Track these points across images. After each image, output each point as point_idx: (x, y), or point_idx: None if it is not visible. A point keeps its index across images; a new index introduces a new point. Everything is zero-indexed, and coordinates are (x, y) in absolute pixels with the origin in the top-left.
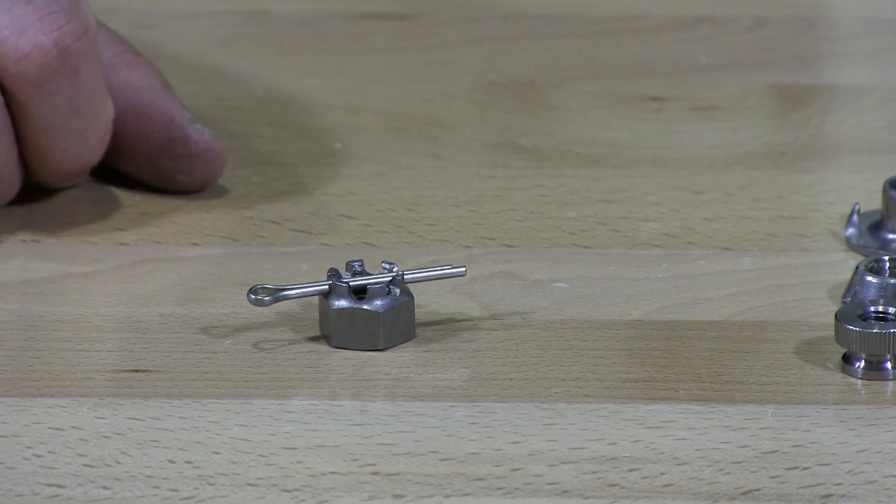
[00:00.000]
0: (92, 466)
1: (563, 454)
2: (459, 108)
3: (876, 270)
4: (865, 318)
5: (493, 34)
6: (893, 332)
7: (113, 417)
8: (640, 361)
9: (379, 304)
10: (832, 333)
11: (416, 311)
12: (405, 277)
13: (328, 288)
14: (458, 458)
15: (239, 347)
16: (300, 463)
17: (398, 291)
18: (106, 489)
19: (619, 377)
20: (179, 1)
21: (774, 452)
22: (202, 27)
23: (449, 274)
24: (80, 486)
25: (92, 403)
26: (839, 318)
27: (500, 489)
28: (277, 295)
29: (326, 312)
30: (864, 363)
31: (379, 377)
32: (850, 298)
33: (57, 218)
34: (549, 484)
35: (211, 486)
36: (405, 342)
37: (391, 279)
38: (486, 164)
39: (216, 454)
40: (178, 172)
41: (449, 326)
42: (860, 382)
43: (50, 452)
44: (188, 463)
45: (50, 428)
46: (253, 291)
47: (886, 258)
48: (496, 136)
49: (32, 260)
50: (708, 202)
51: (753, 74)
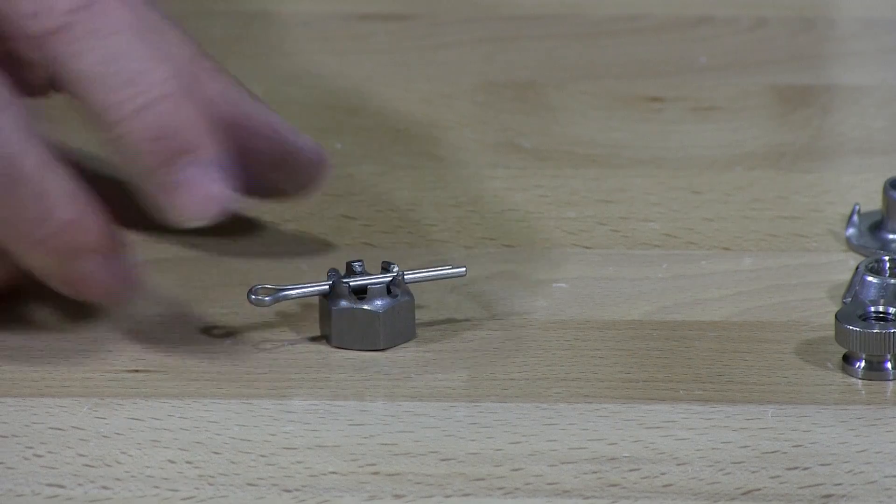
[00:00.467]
0: (92, 466)
1: (563, 454)
2: (459, 108)
3: (876, 271)
4: (866, 318)
5: (492, 34)
6: (894, 332)
7: (113, 417)
8: (640, 361)
9: (379, 304)
10: (832, 334)
11: (416, 311)
12: (405, 277)
13: (328, 288)
14: (458, 458)
15: (239, 347)
16: (300, 463)
17: (398, 291)
18: (106, 489)
19: (619, 377)
20: (179, 1)
21: (775, 452)
22: (202, 27)
23: (449, 274)
24: (80, 485)
25: (92, 403)
26: (839, 318)
27: (500, 489)
28: (277, 295)
29: (326, 312)
30: (864, 363)
31: (379, 377)
32: (850, 299)
33: None
34: (549, 484)
35: (211, 486)
36: (405, 342)
37: (391, 279)
38: (485, 164)
39: (216, 454)
40: (284, 183)
41: (449, 326)
42: (860, 383)
43: (50, 452)
44: (188, 463)
45: (50, 428)
46: (253, 292)
47: (886, 258)
48: (496, 136)
49: None
50: (708, 202)
51: (753, 75)
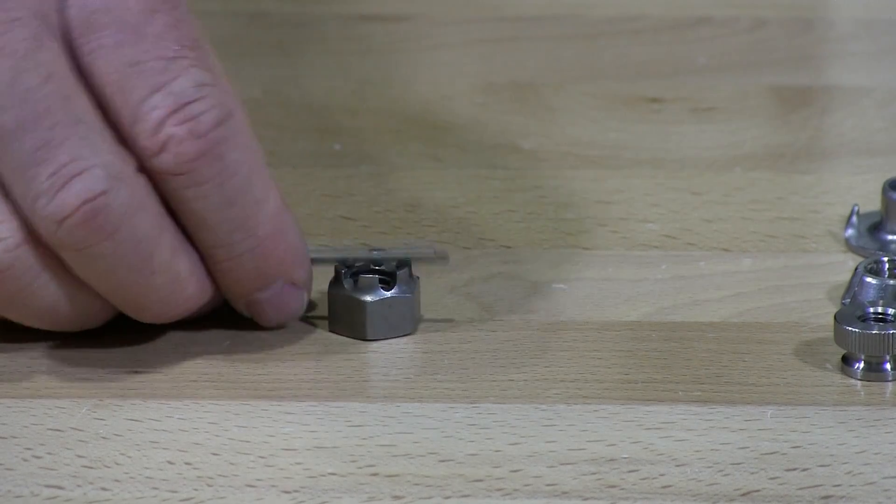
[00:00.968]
0: (91, 468)
1: (562, 455)
2: (458, 109)
3: (875, 272)
4: (864, 319)
5: (491, 35)
6: (892, 333)
7: (112, 419)
8: (639, 363)
9: (369, 295)
10: (831, 335)
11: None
12: (374, 253)
13: (334, 271)
14: (457, 459)
15: (238, 348)
16: (299, 464)
17: (402, 285)
18: (105, 490)
19: (618, 378)
20: None
21: (774, 453)
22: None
23: (425, 255)
24: (79, 487)
25: (91, 405)
26: (838, 319)
27: (499, 490)
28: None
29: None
30: (863, 364)
31: (378, 378)
32: (849, 300)
33: None
34: (548, 485)
35: (210, 487)
36: (399, 336)
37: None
38: (485, 164)
39: (215, 455)
40: None
41: (449, 327)
42: (859, 384)
43: (49, 454)
44: (187, 464)
45: (49, 429)
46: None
47: (885, 259)
48: (495, 137)
49: None
50: (707, 203)
51: (752, 75)
